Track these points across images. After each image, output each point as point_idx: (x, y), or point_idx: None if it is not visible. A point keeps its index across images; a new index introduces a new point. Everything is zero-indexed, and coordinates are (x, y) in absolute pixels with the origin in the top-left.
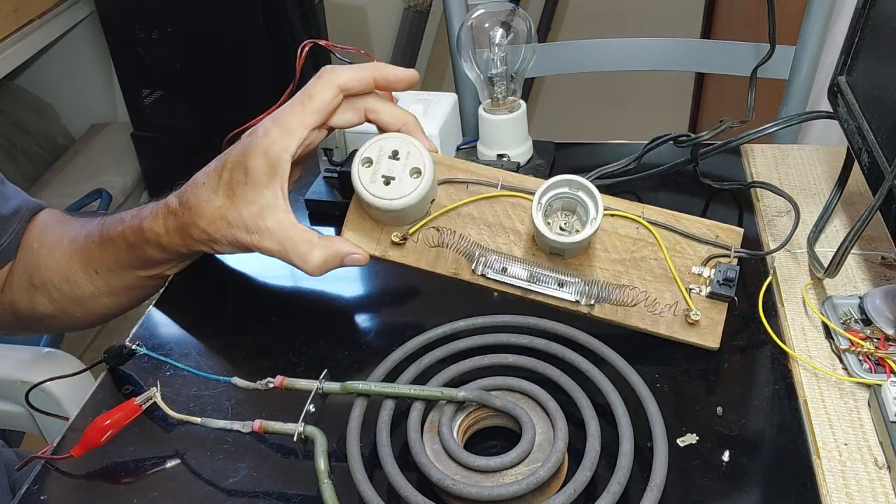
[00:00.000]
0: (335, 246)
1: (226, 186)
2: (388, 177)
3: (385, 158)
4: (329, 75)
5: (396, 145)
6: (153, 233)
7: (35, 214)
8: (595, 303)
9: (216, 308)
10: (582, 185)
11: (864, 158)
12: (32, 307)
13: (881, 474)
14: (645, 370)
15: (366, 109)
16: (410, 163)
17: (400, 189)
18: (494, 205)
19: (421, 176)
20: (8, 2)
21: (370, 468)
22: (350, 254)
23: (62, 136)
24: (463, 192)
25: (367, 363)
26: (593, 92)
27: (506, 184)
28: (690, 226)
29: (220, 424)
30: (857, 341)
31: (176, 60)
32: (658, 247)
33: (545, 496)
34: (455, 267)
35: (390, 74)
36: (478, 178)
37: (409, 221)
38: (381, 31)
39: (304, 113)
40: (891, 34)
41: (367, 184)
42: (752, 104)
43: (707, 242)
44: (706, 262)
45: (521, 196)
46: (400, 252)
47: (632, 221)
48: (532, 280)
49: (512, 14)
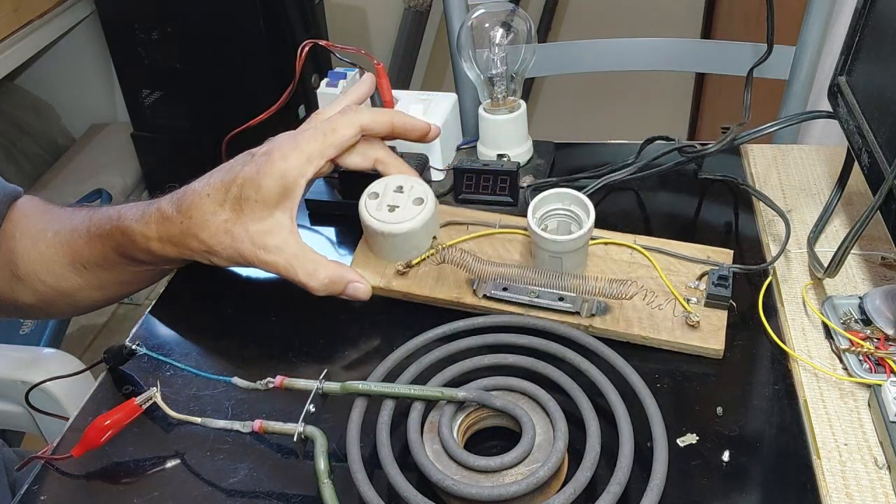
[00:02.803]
0: (342, 270)
1: (233, 201)
2: (392, 206)
3: (390, 192)
4: (353, 114)
5: (401, 182)
6: (143, 237)
7: (14, 201)
8: (595, 313)
9: (216, 308)
10: (573, 198)
11: (864, 158)
12: (14, 297)
13: (881, 474)
14: (645, 370)
15: (375, 160)
16: (414, 194)
17: (404, 214)
18: (493, 241)
19: (424, 203)
20: (8, 2)
21: (370, 468)
22: (354, 281)
23: (62, 136)
24: (463, 233)
25: (367, 363)
26: (593, 92)
27: (503, 223)
28: (682, 249)
29: (220, 424)
30: (857, 341)
31: (176, 60)
32: (652, 267)
33: (545, 496)
34: (457, 293)
35: (408, 124)
36: (477, 220)
37: (412, 254)
38: (381, 31)
39: (325, 144)
40: (891, 34)
41: (374, 211)
42: (749, 104)
43: (699, 262)
44: (700, 278)
45: (517, 232)
46: (403, 282)
47: (625, 248)
48: (533, 296)
49: (512, 14)
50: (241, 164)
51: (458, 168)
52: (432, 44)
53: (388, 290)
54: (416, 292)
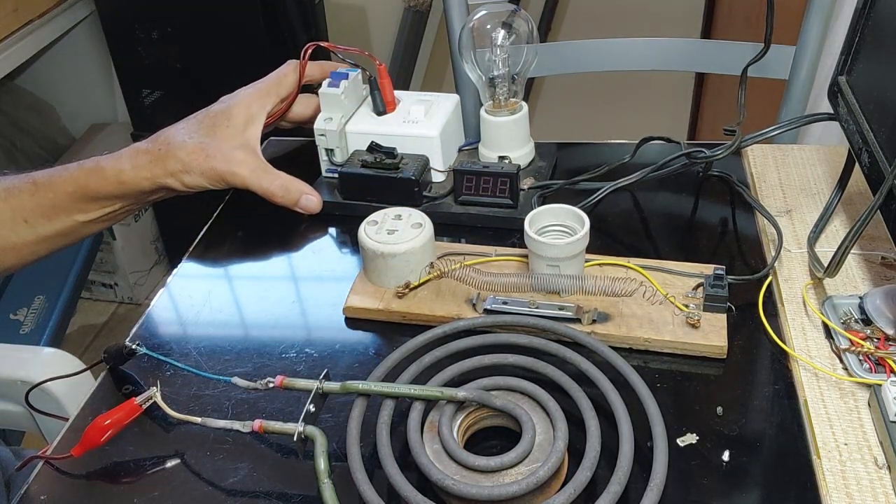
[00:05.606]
0: (298, 182)
1: (207, 129)
2: (391, 230)
3: (389, 219)
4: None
5: (400, 211)
6: (115, 170)
7: None
8: (596, 320)
9: (216, 308)
10: (567, 212)
11: (865, 158)
12: None
13: (881, 474)
14: (645, 370)
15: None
16: (412, 220)
17: (402, 236)
18: (489, 267)
19: (422, 227)
20: (8, 2)
21: (370, 468)
22: (308, 193)
23: (62, 136)
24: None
25: (367, 363)
26: (593, 92)
27: (500, 252)
28: (675, 267)
29: (220, 424)
30: (857, 341)
31: (176, 60)
32: (648, 282)
33: (545, 496)
34: (457, 310)
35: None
36: (474, 251)
37: (410, 277)
38: (381, 31)
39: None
40: (891, 34)
41: (373, 235)
42: (743, 102)
43: (693, 276)
44: (696, 288)
45: (513, 259)
46: (402, 303)
47: (620, 267)
48: (533, 307)
49: (513, 15)
50: (210, 107)
51: (457, 170)
52: (432, 44)
53: (388, 311)
54: (415, 311)
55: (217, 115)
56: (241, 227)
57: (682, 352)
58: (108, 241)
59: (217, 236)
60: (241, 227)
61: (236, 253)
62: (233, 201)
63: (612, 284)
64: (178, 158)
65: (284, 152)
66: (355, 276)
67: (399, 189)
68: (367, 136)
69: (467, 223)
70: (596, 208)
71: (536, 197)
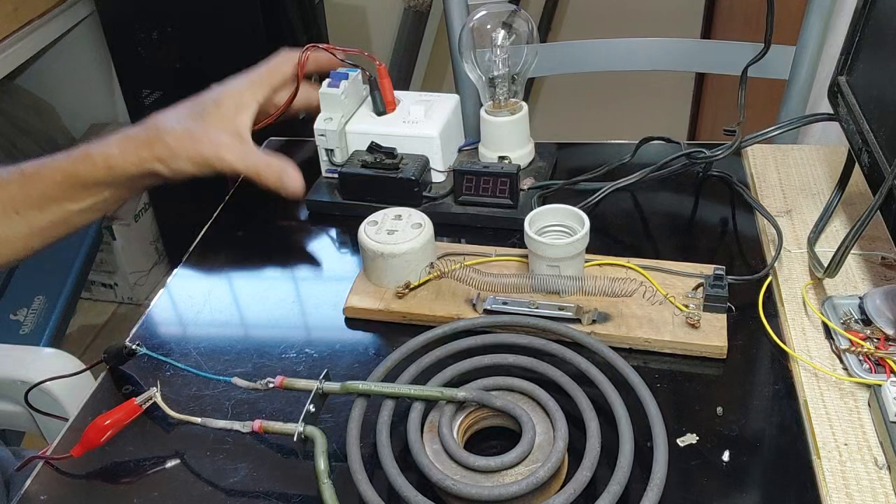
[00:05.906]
0: (284, 163)
1: (197, 115)
2: (391, 230)
3: (389, 219)
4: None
5: (400, 211)
6: (103, 154)
7: None
8: (596, 321)
9: (216, 308)
10: (567, 212)
11: (865, 158)
12: None
13: (881, 474)
14: (645, 370)
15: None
16: (412, 220)
17: (402, 236)
18: (489, 267)
19: (422, 227)
20: (8, 2)
21: (370, 468)
22: (290, 173)
23: (62, 136)
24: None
25: (367, 363)
26: (593, 92)
27: (500, 252)
28: (675, 267)
29: (220, 424)
30: (857, 341)
31: (176, 60)
32: (648, 283)
33: (545, 496)
34: (457, 310)
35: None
36: (474, 252)
37: (410, 277)
38: (381, 31)
39: (270, 74)
40: (891, 34)
41: (373, 235)
42: (743, 103)
43: (692, 276)
44: (696, 289)
45: (512, 259)
46: (402, 303)
47: (620, 267)
48: (533, 307)
49: (513, 15)
50: (200, 95)
51: (457, 170)
52: (432, 44)
53: (388, 311)
54: (415, 311)
55: (207, 103)
56: (241, 227)
57: (682, 352)
58: (108, 242)
59: (217, 236)
60: (241, 227)
61: (236, 253)
62: (233, 201)
63: (612, 285)
64: (165, 143)
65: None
66: (355, 276)
67: (399, 189)
68: (367, 137)
69: (467, 223)
70: (596, 208)
71: (536, 197)
